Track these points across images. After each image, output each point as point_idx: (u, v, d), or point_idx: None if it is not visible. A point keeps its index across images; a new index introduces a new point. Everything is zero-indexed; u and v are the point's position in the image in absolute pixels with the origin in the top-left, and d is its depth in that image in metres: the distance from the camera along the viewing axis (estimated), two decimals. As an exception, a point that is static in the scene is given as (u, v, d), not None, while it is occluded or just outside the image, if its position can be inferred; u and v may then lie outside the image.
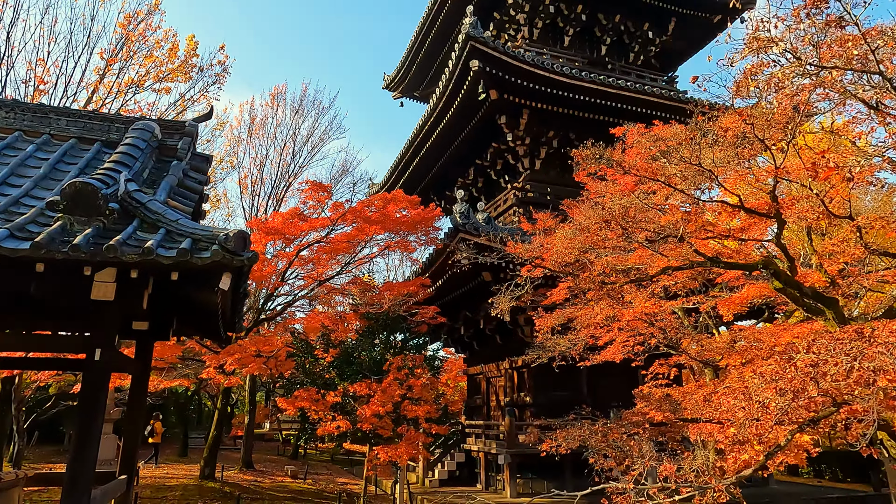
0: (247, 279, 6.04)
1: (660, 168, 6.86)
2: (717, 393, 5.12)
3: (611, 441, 7.30)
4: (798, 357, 3.21)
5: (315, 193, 13.91)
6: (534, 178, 20.93)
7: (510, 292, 17.51)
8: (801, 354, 3.22)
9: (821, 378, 2.90)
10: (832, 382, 2.90)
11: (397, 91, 30.60)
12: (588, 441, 7.52)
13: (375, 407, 11.64)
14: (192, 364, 15.71)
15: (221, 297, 6.20)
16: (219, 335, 9.51)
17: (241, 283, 5.95)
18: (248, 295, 6.92)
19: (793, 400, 3.00)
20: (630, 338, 10.43)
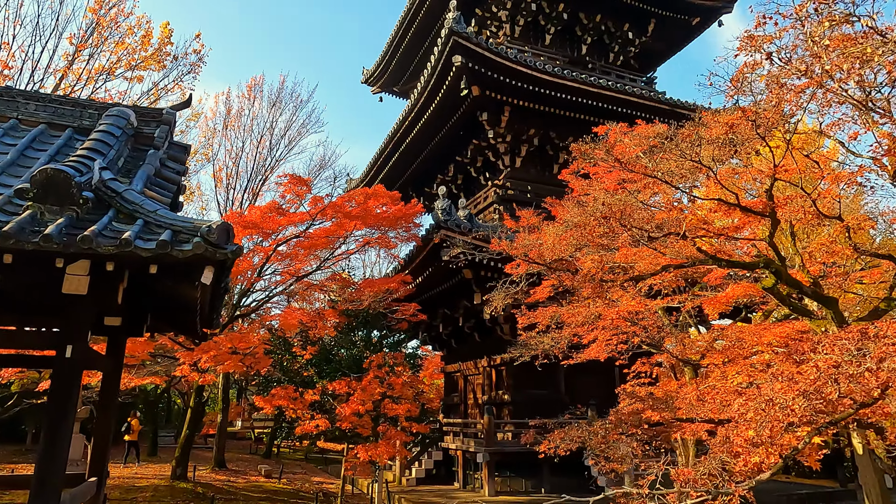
0: (229, 273, 5.80)
1: (654, 165, 6.79)
2: (713, 391, 5.07)
3: (611, 442, 7.22)
4: (818, 358, 3.16)
5: (294, 187, 13.61)
6: (514, 176, 20.90)
7: (492, 290, 17.46)
8: (819, 355, 3.17)
9: (843, 379, 2.85)
10: (854, 384, 2.85)
11: (377, 86, 30.27)
12: (588, 442, 7.42)
13: (355, 405, 11.42)
14: (164, 361, 15.25)
15: (201, 292, 5.94)
16: (195, 332, 9.20)
17: (223, 277, 5.70)
18: (228, 290, 6.67)
19: (814, 401, 2.95)
20: (614, 336, 10.42)
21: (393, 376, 11.99)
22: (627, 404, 9.79)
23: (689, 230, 5.97)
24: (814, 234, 10.88)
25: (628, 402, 9.68)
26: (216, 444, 19.92)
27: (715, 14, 23.53)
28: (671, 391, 9.56)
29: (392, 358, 12.54)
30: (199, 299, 6.54)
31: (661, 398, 8.88)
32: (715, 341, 10.39)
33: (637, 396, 8.25)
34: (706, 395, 5.52)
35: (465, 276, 16.18)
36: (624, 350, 10.24)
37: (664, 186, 9.56)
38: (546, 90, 18.45)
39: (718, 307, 8.98)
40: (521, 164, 21.18)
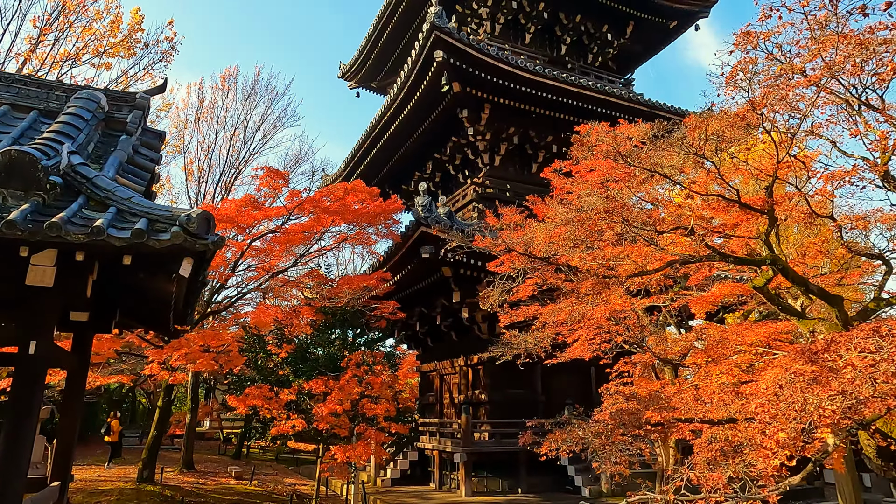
0: (208, 266, 5.48)
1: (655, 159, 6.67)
2: (710, 391, 4.97)
3: (617, 444, 7.08)
4: (850, 356, 3.06)
5: (271, 180, 13.21)
6: (494, 174, 20.79)
7: (471, 289, 17.28)
8: (852, 354, 3.07)
9: (882, 377, 2.75)
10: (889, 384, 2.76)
11: (354, 81, 29.85)
12: (591, 444, 7.25)
13: (332, 405, 11.13)
14: (131, 359, 14.69)
15: (178, 285, 5.62)
16: (167, 328, 8.81)
17: (201, 270, 5.39)
18: (206, 284, 6.34)
19: (848, 401, 2.84)
20: (597, 335, 10.35)
21: (372, 375, 11.72)
22: (611, 403, 9.72)
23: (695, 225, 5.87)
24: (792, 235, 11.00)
25: (612, 402, 9.61)
26: (184, 445, 19.32)
27: (692, 18, 23.80)
28: (654, 390, 9.51)
29: (371, 356, 12.26)
30: (174, 293, 6.20)
31: (645, 397, 8.82)
32: (697, 341, 10.41)
33: (629, 396, 8.15)
34: (703, 395, 5.43)
35: (444, 274, 15.98)
36: (608, 349, 10.17)
37: (649, 185, 9.53)
38: (527, 88, 18.37)
39: (705, 306, 8.97)
40: (500, 163, 21.07)
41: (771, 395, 3.47)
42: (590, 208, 7.15)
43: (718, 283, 8.75)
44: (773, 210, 5.48)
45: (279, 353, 12.12)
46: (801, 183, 6.63)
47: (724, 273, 12.99)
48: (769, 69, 5.50)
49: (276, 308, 15.46)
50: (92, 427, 30.21)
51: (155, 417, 14.68)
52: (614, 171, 11.90)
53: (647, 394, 9.34)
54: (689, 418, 5.52)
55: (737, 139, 5.85)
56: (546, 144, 21.25)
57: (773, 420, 3.22)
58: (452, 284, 17.16)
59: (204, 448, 31.47)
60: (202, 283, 6.14)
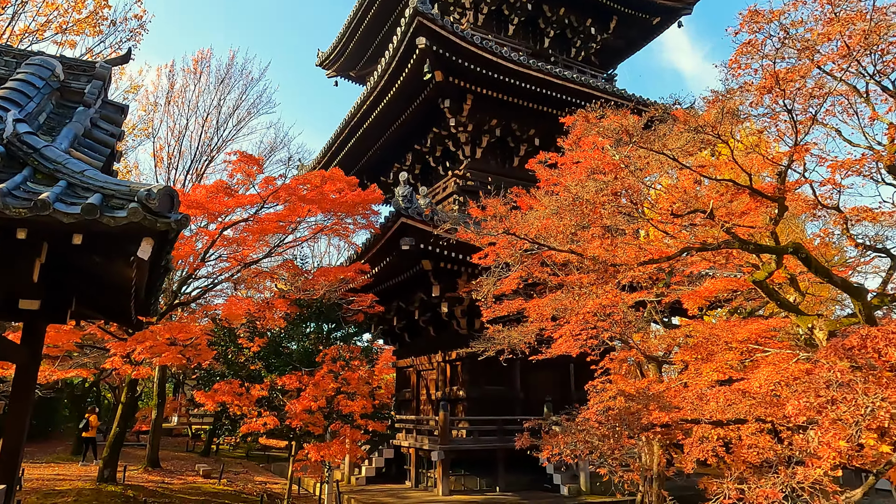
0: (171, 248, 4.95)
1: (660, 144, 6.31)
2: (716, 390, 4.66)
3: (627, 448, 6.70)
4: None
5: (245, 166, 12.58)
6: (474, 167, 20.40)
7: (451, 283, 16.88)
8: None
9: None
10: None
11: (332, 70, 29.13)
12: (599, 447, 6.85)
13: (307, 402, 10.60)
14: (93, 352, 13.93)
15: (137, 270, 5.07)
16: (128, 319, 8.21)
17: (163, 253, 4.86)
18: (170, 270, 5.79)
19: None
20: (583, 331, 10.03)
21: (348, 371, 11.23)
22: (597, 401, 9.41)
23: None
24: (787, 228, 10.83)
25: (598, 400, 9.30)
26: (150, 442, 18.56)
27: (675, 14, 23.70)
28: (641, 388, 9.23)
29: (348, 351, 11.76)
30: (133, 280, 5.65)
31: (640, 396, 8.52)
32: (684, 338, 10.17)
33: (629, 395, 7.81)
34: (708, 394, 5.11)
35: (423, 267, 15.54)
36: (594, 346, 9.86)
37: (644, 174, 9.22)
38: (511, 79, 18.00)
39: (697, 301, 8.72)
40: (481, 155, 20.69)
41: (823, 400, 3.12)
42: (591, 192, 6.75)
43: (710, 279, 8.49)
44: (783, 198, 5.19)
45: (251, 346, 11.54)
46: (807, 172, 6.36)
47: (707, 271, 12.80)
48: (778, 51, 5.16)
49: (249, 300, 14.85)
50: (52, 423, 29.05)
51: (118, 413, 13.95)
52: (603, 161, 11.59)
53: (635, 391, 9.05)
54: (697, 419, 5.20)
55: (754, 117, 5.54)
56: (528, 138, 20.93)
57: (833, 425, 2.88)
58: (432, 278, 16.73)
59: (171, 445, 30.54)
60: (165, 269, 5.60)
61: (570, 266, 11.18)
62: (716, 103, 5.20)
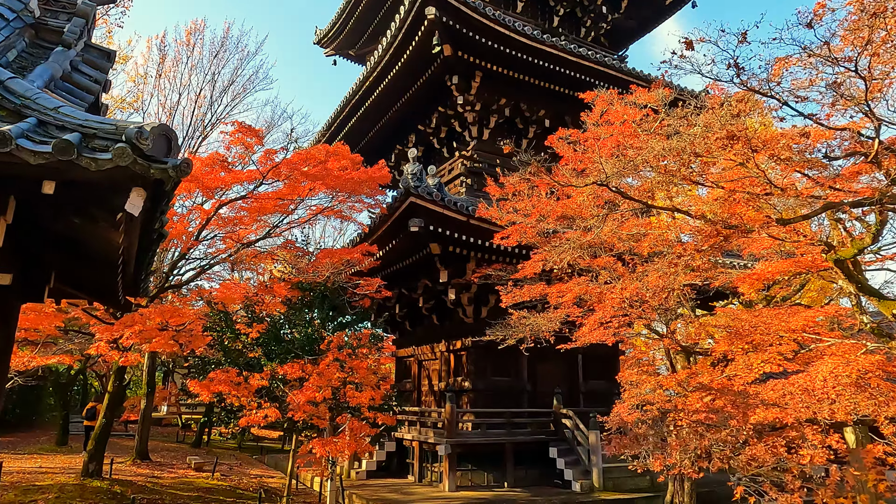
0: (167, 204, 4.05)
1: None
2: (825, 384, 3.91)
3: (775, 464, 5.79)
4: None
5: (243, 138, 11.63)
6: (482, 148, 19.51)
7: (460, 268, 16.04)
8: None
9: None
10: None
11: (331, 48, 28.04)
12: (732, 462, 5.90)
13: (310, 392, 9.75)
14: (78, 338, 12.98)
15: (126, 231, 4.17)
16: (115, 299, 7.29)
17: (157, 209, 3.97)
18: (164, 236, 4.89)
19: None
20: (614, 318, 9.23)
21: (356, 359, 10.38)
22: (633, 395, 8.63)
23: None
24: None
25: (633, 394, 8.52)
26: (139, 433, 17.65)
27: (690, -6, 22.85)
28: (681, 380, 8.45)
29: (355, 338, 10.90)
30: (121, 246, 4.74)
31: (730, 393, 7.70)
32: (723, 327, 9.40)
33: (717, 392, 6.99)
34: (817, 390, 4.33)
35: (431, 251, 14.66)
36: (630, 334, 9.08)
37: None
38: (524, 55, 17.09)
39: (755, 284, 7.93)
40: (488, 137, 19.78)
41: None
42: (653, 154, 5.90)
43: (763, 261, 7.70)
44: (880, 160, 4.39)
45: (249, 333, 10.65)
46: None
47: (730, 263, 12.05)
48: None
49: (246, 284, 13.97)
50: (37, 412, 28.05)
51: (104, 403, 13.04)
52: (633, 137, 10.75)
53: (676, 384, 8.27)
54: (812, 419, 4.41)
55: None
56: (538, 119, 20.05)
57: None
58: (438, 263, 15.87)
59: (161, 435, 29.61)
60: (159, 235, 4.70)
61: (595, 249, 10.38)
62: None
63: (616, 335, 9.10)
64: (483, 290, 17.30)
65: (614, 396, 19.94)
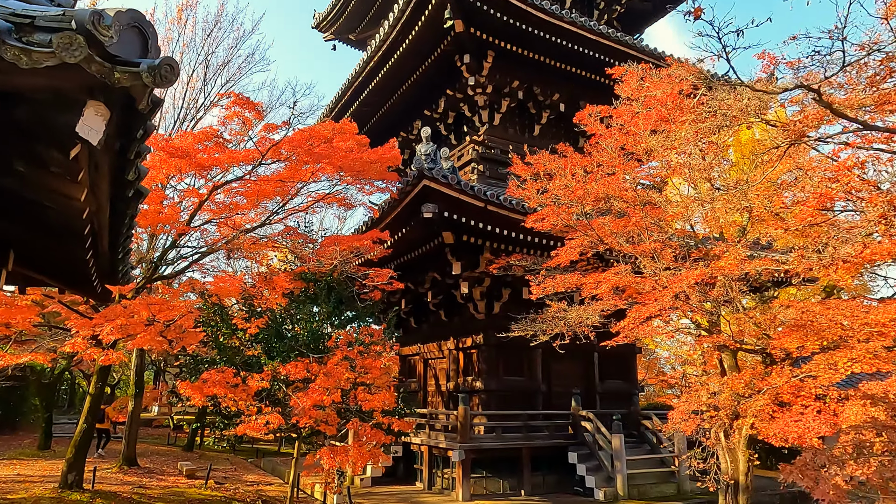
0: (145, 135, 2.87)
1: None
2: None
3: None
4: None
5: (240, 112, 10.45)
6: (493, 134, 18.37)
7: (473, 259, 14.91)
8: None
9: None
10: None
11: (329, 32, 26.84)
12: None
13: (317, 395, 8.60)
14: (60, 335, 11.78)
15: (88, 183, 3.02)
16: (90, 286, 6.11)
17: (129, 143, 2.81)
18: (143, 194, 3.70)
19: None
20: (662, 311, 8.13)
21: (368, 358, 9.23)
22: (691, 398, 7.53)
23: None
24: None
25: (693, 397, 7.42)
26: (126, 437, 16.43)
27: (708, -25, 21.76)
28: (748, 382, 7.37)
29: (367, 334, 9.75)
30: (86, 207, 3.59)
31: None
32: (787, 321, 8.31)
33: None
34: None
35: (443, 240, 13.52)
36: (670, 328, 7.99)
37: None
38: (541, 32, 15.97)
39: (851, 270, 6.84)
40: (499, 122, 18.66)
41: None
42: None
43: (871, 240, 6.61)
44: None
45: (247, 328, 9.49)
46: None
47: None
48: None
49: (243, 276, 12.81)
50: (20, 413, 26.74)
51: (85, 406, 11.82)
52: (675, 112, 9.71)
53: (743, 387, 7.19)
54: None
55: None
56: (552, 103, 18.94)
57: None
58: (450, 255, 14.75)
59: (151, 437, 28.37)
60: (137, 192, 3.53)
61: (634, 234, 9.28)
62: None
63: (661, 330, 8.00)
64: (497, 284, 16.20)
65: (633, 397, 19.07)
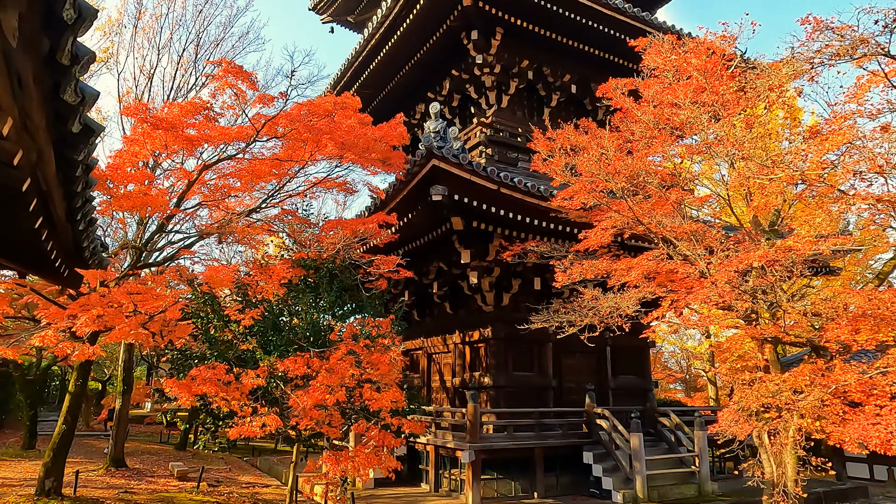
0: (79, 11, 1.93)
1: None
2: None
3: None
4: None
5: (233, 82, 9.48)
6: (501, 117, 17.43)
7: (482, 247, 14.00)
8: None
9: None
10: None
11: (327, 14, 25.78)
12: None
13: (319, 394, 7.70)
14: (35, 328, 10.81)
15: (12, 112, 2.09)
16: (51, 267, 5.19)
17: (62, 25, 1.87)
18: (93, 131, 2.72)
19: None
20: (705, 302, 7.25)
21: (375, 352, 8.32)
22: (749, 396, 6.66)
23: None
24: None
25: (753, 396, 6.54)
26: (114, 437, 15.50)
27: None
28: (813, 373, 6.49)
29: (374, 325, 8.83)
30: (17, 149, 2.67)
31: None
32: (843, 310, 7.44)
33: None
34: None
35: (452, 226, 12.60)
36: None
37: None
38: (553, 6, 15.01)
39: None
40: (507, 104, 17.73)
41: None
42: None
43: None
44: None
45: (241, 320, 8.57)
46: None
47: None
48: None
49: (236, 266, 11.90)
50: (6, 411, 25.77)
51: (64, 406, 10.85)
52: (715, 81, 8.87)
53: (809, 384, 6.32)
54: None
55: None
56: (562, 84, 18.00)
57: None
58: (457, 242, 13.86)
59: (143, 435, 27.47)
60: (86, 126, 2.60)
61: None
62: None
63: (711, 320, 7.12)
64: (506, 274, 15.31)
65: (648, 393, 18.23)
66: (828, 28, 8.54)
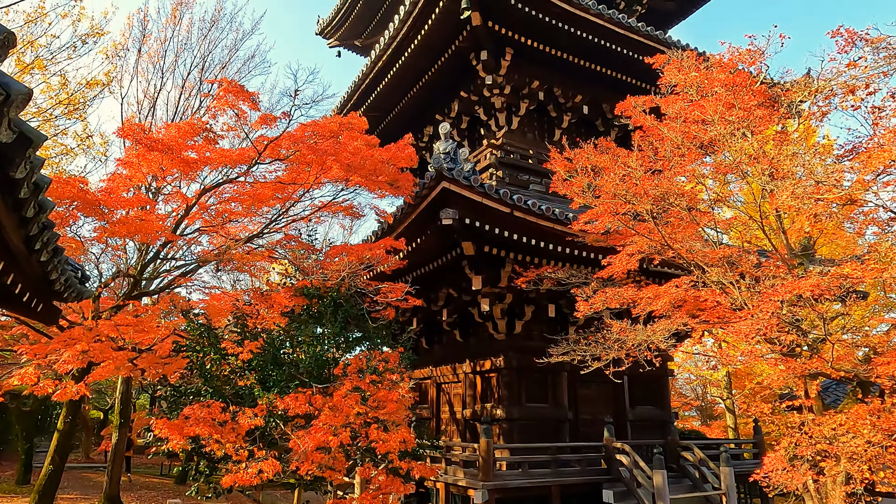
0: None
1: None
2: None
3: None
4: None
5: (234, 102, 9.05)
6: (511, 138, 16.99)
7: (494, 274, 13.42)
8: None
9: None
10: None
11: (334, 38, 25.67)
12: None
13: (321, 435, 7.06)
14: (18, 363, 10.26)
15: None
16: (16, 300, 4.65)
17: None
18: (32, 141, 2.17)
19: None
20: (754, 332, 6.59)
21: (382, 389, 7.69)
22: (800, 442, 5.96)
23: None
24: None
25: (805, 442, 5.86)
26: (110, 472, 14.81)
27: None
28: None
29: (381, 359, 8.21)
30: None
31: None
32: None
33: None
34: None
35: (463, 251, 12.04)
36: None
37: None
38: (564, 25, 14.66)
39: None
40: (517, 126, 17.29)
41: None
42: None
43: None
44: None
45: (239, 353, 7.98)
46: None
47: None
48: None
49: (236, 293, 11.35)
50: (4, 442, 25.14)
51: (52, 444, 10.23)
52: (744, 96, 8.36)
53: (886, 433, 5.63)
54: None
55: None
56: (574, 106, 17.57)
57: None
58: (468, 268, 13.28)
59: (144, 466, 26.67)
60: (21, 134, 2.06)
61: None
62: None
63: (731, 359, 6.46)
64: (519, 301, 14.67)
65: (669, 425, 17.34)
66: (861, 39, 8.05)
